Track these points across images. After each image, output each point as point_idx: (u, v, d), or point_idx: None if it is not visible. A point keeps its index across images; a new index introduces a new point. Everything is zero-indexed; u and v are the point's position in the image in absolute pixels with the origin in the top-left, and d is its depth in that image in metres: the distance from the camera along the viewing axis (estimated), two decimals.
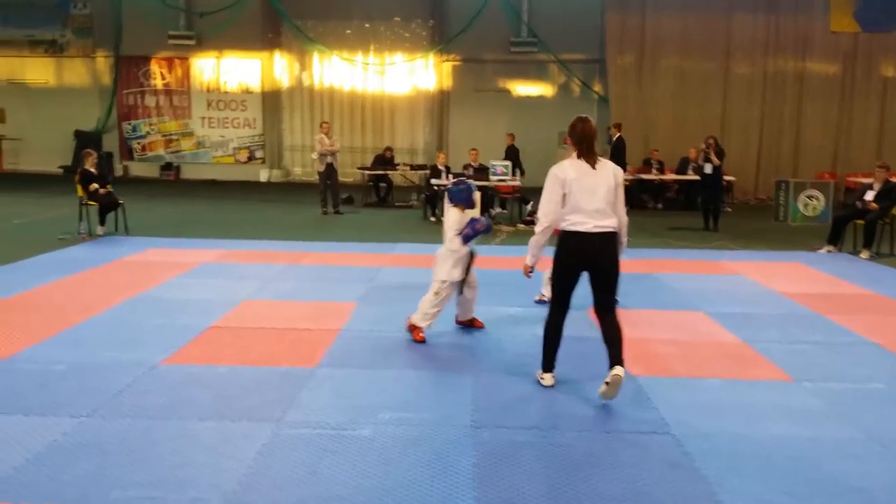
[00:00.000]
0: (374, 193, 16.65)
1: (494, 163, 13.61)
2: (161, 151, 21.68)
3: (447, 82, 21.54)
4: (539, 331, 4.87)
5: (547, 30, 20.01)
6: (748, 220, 14.38)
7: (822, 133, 18.75)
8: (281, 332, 6.04)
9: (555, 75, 21.12)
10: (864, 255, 10.34)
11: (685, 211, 15.49)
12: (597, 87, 20.72)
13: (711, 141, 13.02)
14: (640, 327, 6.24)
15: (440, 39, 20.95)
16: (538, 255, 4.83)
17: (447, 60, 21.32)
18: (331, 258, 9.44)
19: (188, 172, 21.69)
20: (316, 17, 20.78)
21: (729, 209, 15.65)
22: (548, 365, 4.86)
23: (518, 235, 12.12)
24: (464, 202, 6.06)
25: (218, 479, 3.53)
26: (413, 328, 5.94)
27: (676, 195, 16.68)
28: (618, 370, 4.47)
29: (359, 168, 17.30)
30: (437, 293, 5.92)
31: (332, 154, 14.13)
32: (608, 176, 4.59)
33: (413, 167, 17.00)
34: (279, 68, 21.52)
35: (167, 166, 21.59)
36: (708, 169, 13.00)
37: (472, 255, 6.05)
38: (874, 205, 10.61)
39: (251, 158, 21.71)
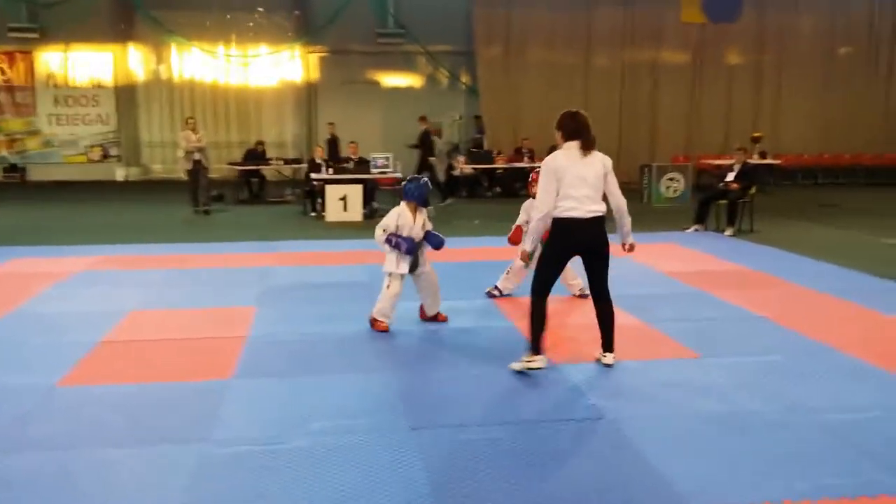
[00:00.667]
0: (247, 189, 16.08)
1: (375, 155, 13.47)
2: (3, 152, 19.91)
3: (314, 74, 21.12)
4: (461, 323, 4.86)
5: (414, 21, 19.98)
6: None
7: (676, 119, 19.89)
8: (182, 343, 5.68)
9: (423, 66, 21.18)
10: (728, 232, 11.06)
11: None
12: (464, 78, 20.97)
13: None
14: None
15: (305, 31, 20.47)
16: (537, 240, 4.98)
17: (313, 52, 20.89)
18: (215, 260, 9.00)
19: (36, 174, 20.02)
20: (172, 7, 19.70)
21: None
22: (539, 348, 4.92)
23: None
24: (417, 199, 5.99)
25: None
26: (374, 321, 5.99)
27: None
28: (609, 358, 5.09)
29: (229, 164, 16.61)
30: (387, 286, 5.95)
31: (200, 150, 13.49)
32: (597, 164, 4.88)
33: (287, 161, 16.54)
34: (134, 61, 20.29)
35: (11, 168, 19.85)
36: None
37: (419, 248, 6.00)
38: (735, 185, 11.37)
39: (106, 156, 20.38)
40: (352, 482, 3.51)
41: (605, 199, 5.00)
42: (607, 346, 5.15)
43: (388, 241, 5.92)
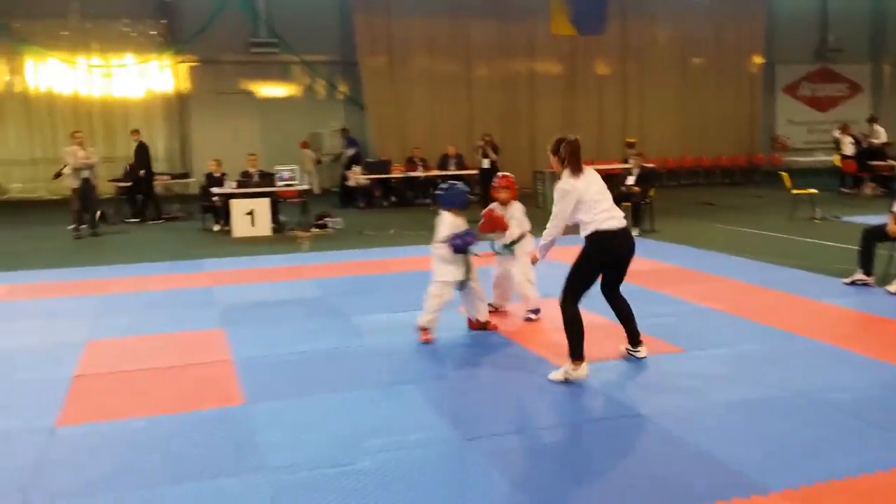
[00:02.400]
0: (131, 207, 15.16)
1: (279, 168, 13.13)
2: None
3: (185, 84, 20.24)
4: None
5: (287, 30, 19.66)
6: None
7: (552, 127, 20.71)
8: (168, 372, 5.34)
9: (299, 76, 20.85)
10: (635, 232, 11.70)
11: None
12: (343, 88, 20.85)
13: (488, 138, 13.85)
14: (518, 318, 6.56)
15: (174, 40, 19.59)
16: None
17: (183, 62, 20.02)
18: (142, 283, 8.47)
19: None
20: (25, 16, 18.26)
21: None
22: (581, 353, 4.99)
23: (325, 240, 11.85)
24: (457, 206, 5.95)
25: None
26: (422, 329, 5.91)
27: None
28: (642, 351, 5.40)
29: (110, 181, 15.57)
30: (434, 295, 5.87)
31: (89, 168, 12.61)
32: (600, 180, 5.17)
33: (174, 176, 15.75)
34: None
35: None
36: (486, 164, 13.81)
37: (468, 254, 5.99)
38: (636, 188, 12.07)
39: None
40: (437, 497, 3.47)
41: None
42: (636, 340, 5.46)
43: (453, 245, 5.81)
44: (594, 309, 5.55)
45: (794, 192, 13.62)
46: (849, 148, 17.74)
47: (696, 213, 14.58)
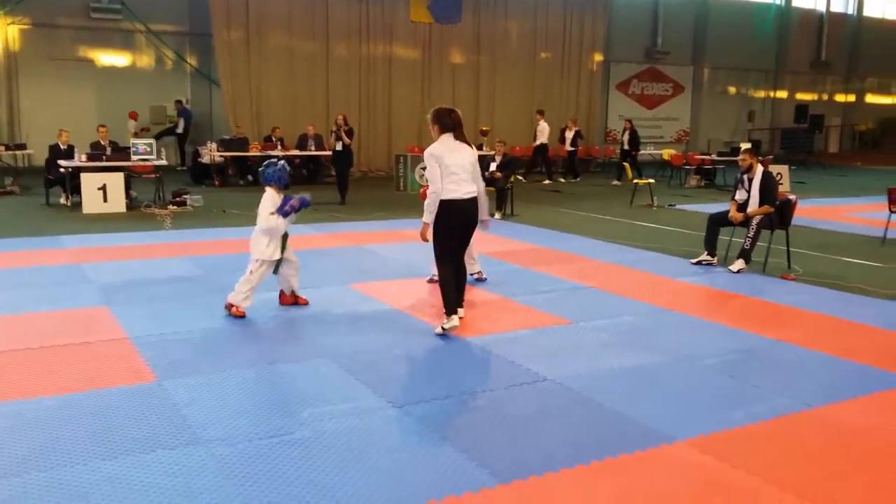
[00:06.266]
0: None
1: (135, 142, 12.45)
2: None
3: (14, 47, 18.57)
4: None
5: None
6: (372, 192, 15.68)
7: (409, 111, 21.03)
8: (63, 349, 5.08)
9: (144, 46, 19.74)
10: (497, 216, 12.25)
11: (311, 185, 16.15)
12: (191, 61, 20.00)
13: (341, 121, 13.82)
14: (408, 296, 6.79)
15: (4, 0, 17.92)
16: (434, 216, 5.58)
17: (14, 24, 18.35)
18: (2, 260, 7.86)
19: None
20: None
21: None
22: (452, 308, 5.68)
23: (186, 217, 11.43)
24: (277, 182, 6.07)
25: None
26: (230, 306, 6.03)
27: (299, 170, 17.21)
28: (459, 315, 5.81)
29: None
30: (251, 272, 6.00)
31: None
32: (470, 154, 5.72)
33: (9, 147, 14.49)
34: None
35: None
36: (339, 147, 13.81)
37: (285, 235, 6.12)
38: (499, 174, 12.61)
39: None
40: (391, 457, 3.63)
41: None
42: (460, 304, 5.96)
43: (283, 212, 5.98)
44: (489, 288, 5.86)
45: (636, 181, 14.76)
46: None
47: (545, 199, 15.38)
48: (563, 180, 19.14)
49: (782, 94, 30.49)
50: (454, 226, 5.67)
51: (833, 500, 3.34)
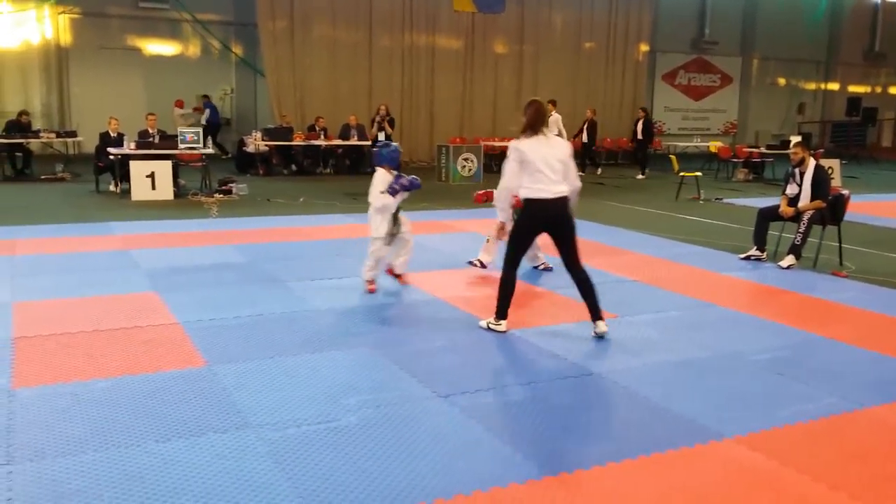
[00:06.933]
0: (10, 166, 14.19)
1: (183, 130, 12.66)
2: None
3: (66, 37, 19.01)
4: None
5: None
6: None
7: (450, 102, 21.01)
8: (114, 334, 5.19)
9: (190, 35, 20.05)
10: None
11: (353, 175, 16.23)
12: (237, 51, 20.25)
13: (384, 111, 13.90)
14: (453, 286, 6.79)
15: None
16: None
17: (64, 13, 18.78)
18: (52, 245, 8.10)
19: None
20: None
21: None
22: (505, 313, 5.47)
23: (232, 206, 11.59)
24: (390, 163, 6.39)
25: (280, 496, 3.16)
26: (367, 281, 6.51)
27: (342, 160, 17.33)
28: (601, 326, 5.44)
29: None
30: (372, 250, 6.45)
31: None
32: (562, 148, 5.31)
33: (60, 134, 14.83)
34: None
35: None
36: (381, 137, 13.89)
37: (397, 211, 6.46)
38: None
39: None
40: (436, 446, 3.65)
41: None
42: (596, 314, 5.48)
43: (392, 191, 6.28)
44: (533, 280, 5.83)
45: (682, 174, 14.55)
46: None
47: (589, 191, 15.24)
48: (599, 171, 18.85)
49: (834, 85, 29.77)
50: (534, 228, 5.47)
51: (887, 502, 3.27)
